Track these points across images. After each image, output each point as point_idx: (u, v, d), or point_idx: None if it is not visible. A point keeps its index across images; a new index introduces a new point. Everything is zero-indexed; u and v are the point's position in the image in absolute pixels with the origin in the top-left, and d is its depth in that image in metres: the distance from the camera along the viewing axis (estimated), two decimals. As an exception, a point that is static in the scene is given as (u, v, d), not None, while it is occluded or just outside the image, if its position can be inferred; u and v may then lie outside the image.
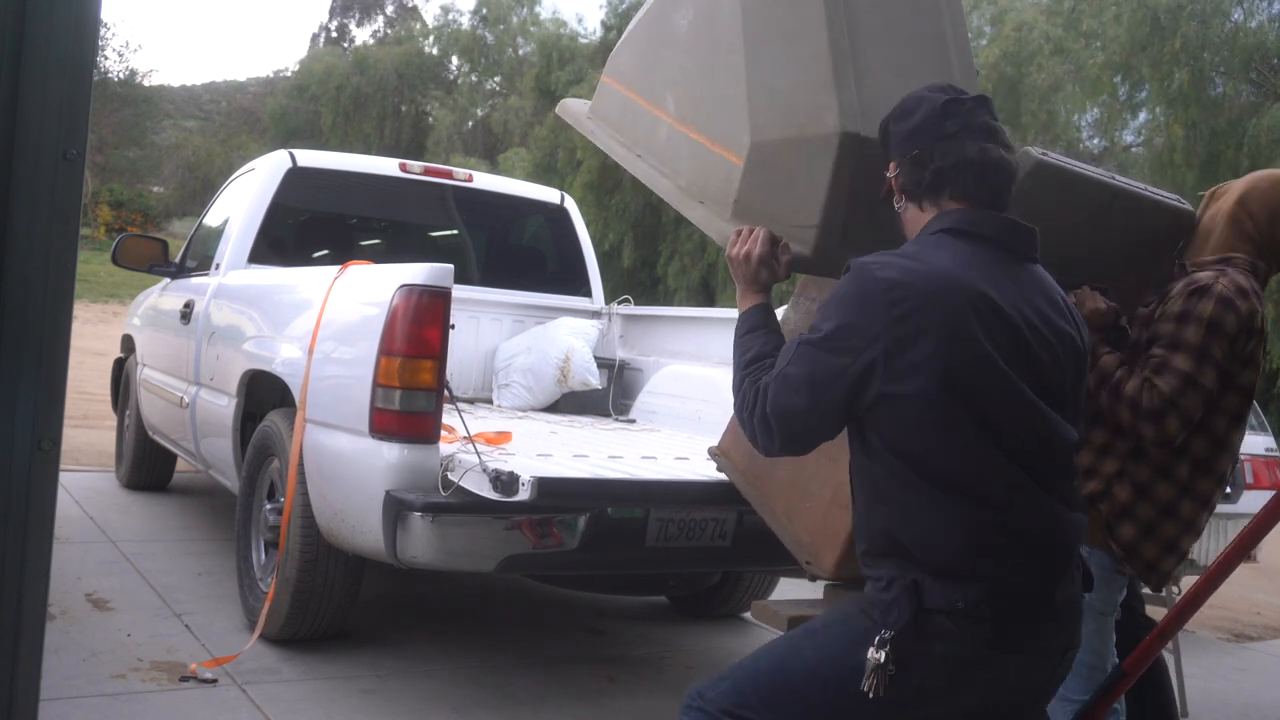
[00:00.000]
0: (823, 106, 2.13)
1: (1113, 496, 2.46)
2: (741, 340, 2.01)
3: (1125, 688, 2.40)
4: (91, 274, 23.04)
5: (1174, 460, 2.44)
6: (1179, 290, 2.41)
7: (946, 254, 1.79)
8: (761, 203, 2.26)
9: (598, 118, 3.00)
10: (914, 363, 1.71)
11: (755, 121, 2.28)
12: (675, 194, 2.55)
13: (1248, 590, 7.33)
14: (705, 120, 2.47)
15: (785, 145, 2.22)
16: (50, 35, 1.28)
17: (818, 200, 2.12)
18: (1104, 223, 2.46)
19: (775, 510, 2.69)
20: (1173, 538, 2.45)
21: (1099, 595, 2.46)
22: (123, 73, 37.30)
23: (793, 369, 1.80)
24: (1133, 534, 2.44)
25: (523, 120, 31.19)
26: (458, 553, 3.03)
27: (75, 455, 7.24)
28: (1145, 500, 2.44)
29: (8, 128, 1.28)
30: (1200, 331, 2.33)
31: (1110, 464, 2.47)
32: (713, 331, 4.87)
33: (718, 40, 2.44)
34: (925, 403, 1.71)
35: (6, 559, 1.34)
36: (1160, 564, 2.46)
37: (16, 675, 1.36)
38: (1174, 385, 2.31)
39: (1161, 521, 2.44)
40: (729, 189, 2.34)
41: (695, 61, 2.54)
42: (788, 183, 2.21)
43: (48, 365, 1.34)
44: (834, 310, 1.79)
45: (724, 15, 2.42)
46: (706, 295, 21.41)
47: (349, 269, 3.64)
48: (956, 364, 1.71)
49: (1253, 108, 16.72)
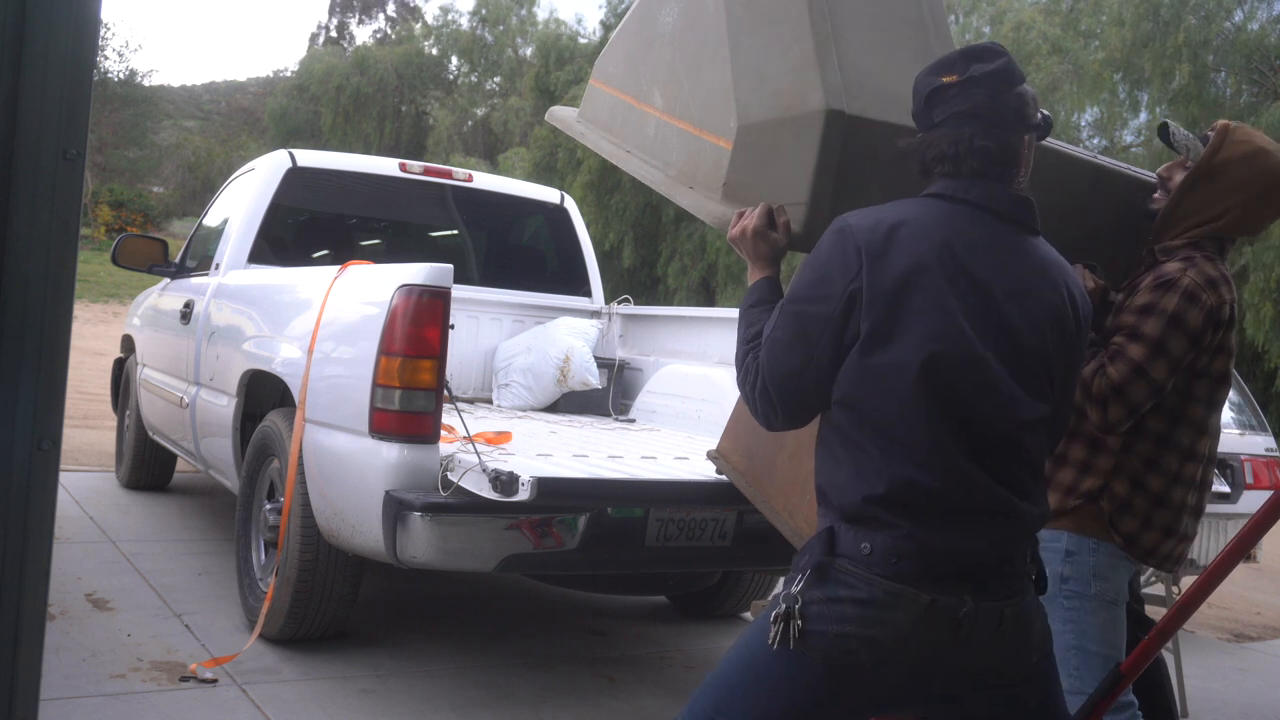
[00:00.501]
0: (807, 85, 2.16)
1: (1112, 492, 2.47)
2: (746, 314, 2.00)
3: (1124, 688, 2.39)
4: (91, 274, 23.03)
5: (1161, 452, 2.46)
6: (1147, 283, 2.42)
7: (923, 209, 1.81)
8: (751, 184, 2.30)
9: (586, 120, 3.03)
10: (875, 298, 1.71)
11: (742, 105, 2.32)
12: (665, 183, 2.58)
13: (1248, 590, 7.33)
14: (693, 110, 2.51)
15: (772, 126, 2.26)
16: (50, 35, 1.29)
17: (806, 178, 2.15)
18: (1089, 201, 2.51)
19: (776, 508, 2.72)
20: (1168, 522, 2.48)
21: (1108, 585, 2.47)
22: (123, 73, 37.30)
23: (779, 331, 1.81)
24: (1133, 526, 2.46)
25: (523, 120, 31.19)
26: (457, 552, 3.04)
27: (75, 455, 7.24)
28: (1140, 493, 2.46)
29: (8, 128, 1.28)
30: (1160, 325, 2.35)
31: (1105, 460, 2.49)
32: (713, 331, 4.87)
33: (703, 32, 2.49)
34: (877, 339, 1.71)
35: (6, 559, 1.34)
36: (1160, 548, 2.49)
37: (16, 675, 1.36)
38: (1123, 373, 2.34)
39: (1155, 510, 2.47)
40: (718, 173, 2.38)
41: (681, 56, 2.58)
42: (776, 162, 2.25)
43: (48, 365, 1.34)
44: (811, 263, 1.81)
45: (708, 7, 2.47)
46: (706, 295, 21.42)
47: (349, 269, 3.65)
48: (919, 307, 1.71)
49: (1252, 106, 16.73)
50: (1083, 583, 2.45)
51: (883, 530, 1.69)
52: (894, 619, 1.67)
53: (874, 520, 1.70)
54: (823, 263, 1.78)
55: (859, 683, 1.70)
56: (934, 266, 1.73)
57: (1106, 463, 2.49)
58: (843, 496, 1.74)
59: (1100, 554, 2.47)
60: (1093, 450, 2.50)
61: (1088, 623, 2.46)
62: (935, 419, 1.71)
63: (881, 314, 1.71)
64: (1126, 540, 2.47)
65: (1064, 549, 2.47)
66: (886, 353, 1.71)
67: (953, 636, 1.70)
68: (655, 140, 2.66)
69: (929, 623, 1.68)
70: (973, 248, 1.78)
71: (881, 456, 1.72)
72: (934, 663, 1.72)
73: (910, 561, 1.68)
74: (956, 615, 1.69)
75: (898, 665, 1.70)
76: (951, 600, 1.69)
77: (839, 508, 1.74)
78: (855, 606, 1.68)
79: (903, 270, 1.72)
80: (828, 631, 1.68)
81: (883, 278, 1.72)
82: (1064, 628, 2.47)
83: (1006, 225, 1.84)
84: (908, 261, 1.73)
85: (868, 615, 1.67)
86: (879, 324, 1.71)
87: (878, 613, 1.67)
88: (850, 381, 1.74)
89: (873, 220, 1.78)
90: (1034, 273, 1.83)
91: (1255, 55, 16.91)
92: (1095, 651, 2.46)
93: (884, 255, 1.73)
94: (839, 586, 1.69)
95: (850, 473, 1.74)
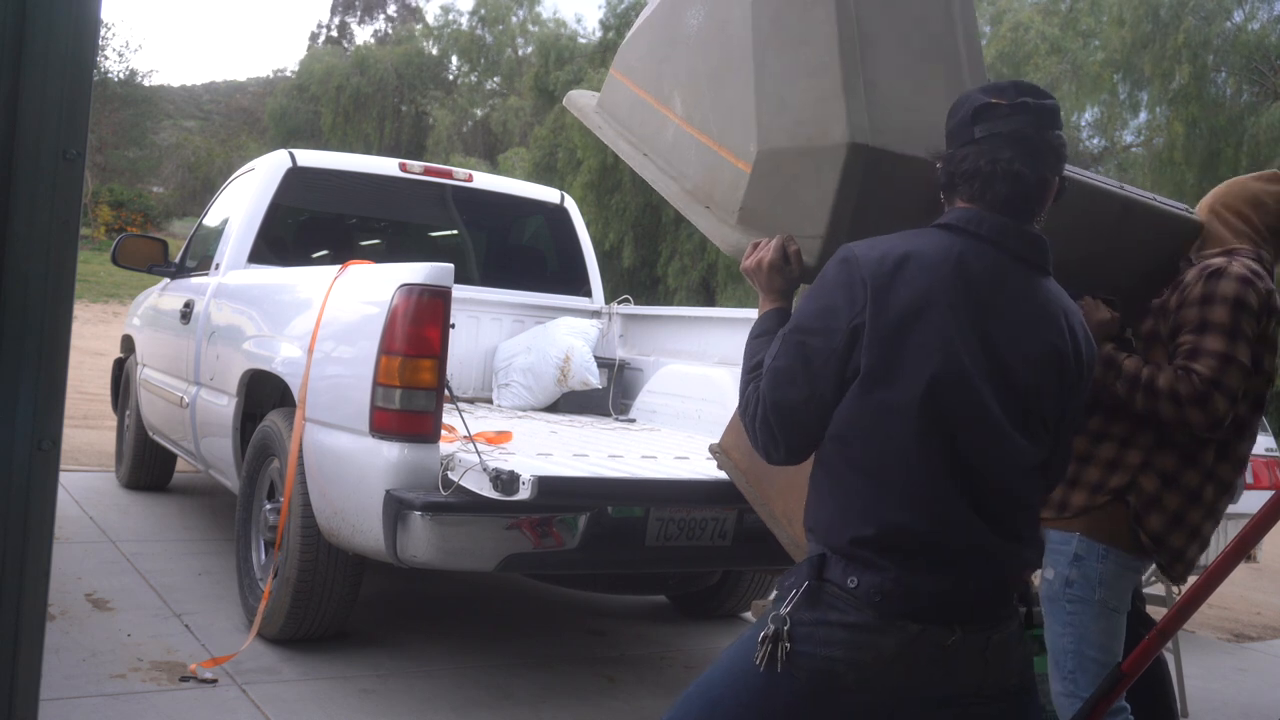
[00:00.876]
0: (831, 117, 2.11)
1: (1139, 488, 2.45)
2: (751, 343, 1.99)
3: (1125, 688, 2.39)
4: (91, 274, 23.03)
5: (1199, 447, 2.45)
6: (1194, 276, 2.42)
7: (932, 241, 1.78)
8: (768, 211, 2.25)
9: (605, 112, 2.98)
10: (877, 334, 1.69)
11: (763, 129, 2.27)
12: (682, 197, 2.53)
13: (1248, 590, 7.33)
14: (713, 124, 2.45)
15: (793, 154, 2.21)
16: (50, 35, 1.28)
17: (824, 212, 2.10)
18: (1113, 233, 2.46)
19: (775, 512, 2.70)
20: (1197, 524, 2.47)
21: (1111, 593, 2.47)
22: (123, 73, 37.27)
23: (781, 361, 1.79)
24: (1161, 524, 2.45)
25: (523, 120, 31.18)
26: (458, 552, 3.04)
27: (75, 455, 7.24)
28: (1174, 489, 2.45)
29: (8, 128, 1.28)
30: (1226, 309, 2.34)
31: (1134, 455, 2.47)
32: (713, 331, 4.87)
33: (728, 42, 2.42)
34: (876, 375, 1.69)
35: (6, 559, 1.34)
36: (1186, 551, 2.48)
37: (16, 675, 1.36)
38: (1213, 365, 2.31)
39: (1188, 509, 2.45)
40: (735, 195, 2.32)
41: (705, 63, 2.51)
42: (794, 192, 2.20)
43: (48, 365, 1.34)
44: (815, 294, 1.79)
45: (734, 19, 2.40)
46: (706, 295, 21.41)
47: (349, 268, 3.64)
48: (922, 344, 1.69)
49: (1252, 106, 16.74)
50: (1088, 588, 2.45)
51: (870, 570, 1.68)
52: (882, 644, 1.67)
53: (861, 560, 1.69)
54: (827, 293, 1.76)
55: (840, 704, 1.70)
56: (940, 303, 1.71)
57: (1135, 458, 2.47)
58: (829, 536, 1.73)
59: (1109, 561, 2.46)
60: (1123, 447, 2.48)
61: (1088, 628, 2.46)
62: (932, 461, 1.69)
63: (883, 351, 1.69)
64: (1154, 540, 2.45)
65: (1073, 552, 2.46)
66: (886, 390, 1.69)
67: (938, 663, 1.70)
68: (673, 148, 2.60)
69: (916, 649, 1.68)
70: (979, 285, 1.75)
71: (872, 497, 1.70)
72: (918, 687, 1.71)
73: (898, 601, 1.67)
74: (945, 644, 1.68)
75: (880, 687, 1.69)
76: (940, 630, 1.68)
77: (827, 540, 1.73)
78: (845, 630, 1.67)
79: (907, 305, 1.70)
80: (815, 653, 1.67)
81: (886, 312, 1.69)
82: (1064, 631, 2.47)
83: (1016, 264, 1.80)
84: (912, 296, 1.70)
85: (857, 640, 1.67)
86: (879, 361, 1.69)
87: (867, 637, 1.67)
88: (846, 418, 1.73)
89: (880, 252, 1.75)
90: (1040, 315, 1.80)
91: (1255, 55, 16.92)
92: (1092, 657, 2.45)
93: (889, 289, 1.70)
94: (829, 610, 1.68)
95: (836, 512, 1.73)
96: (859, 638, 1.67)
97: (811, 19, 2.20)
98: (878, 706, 1.73)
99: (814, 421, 1.78)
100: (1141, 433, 2.47)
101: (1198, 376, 2.31)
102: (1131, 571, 2.51)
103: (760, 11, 2.31)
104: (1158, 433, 2.44)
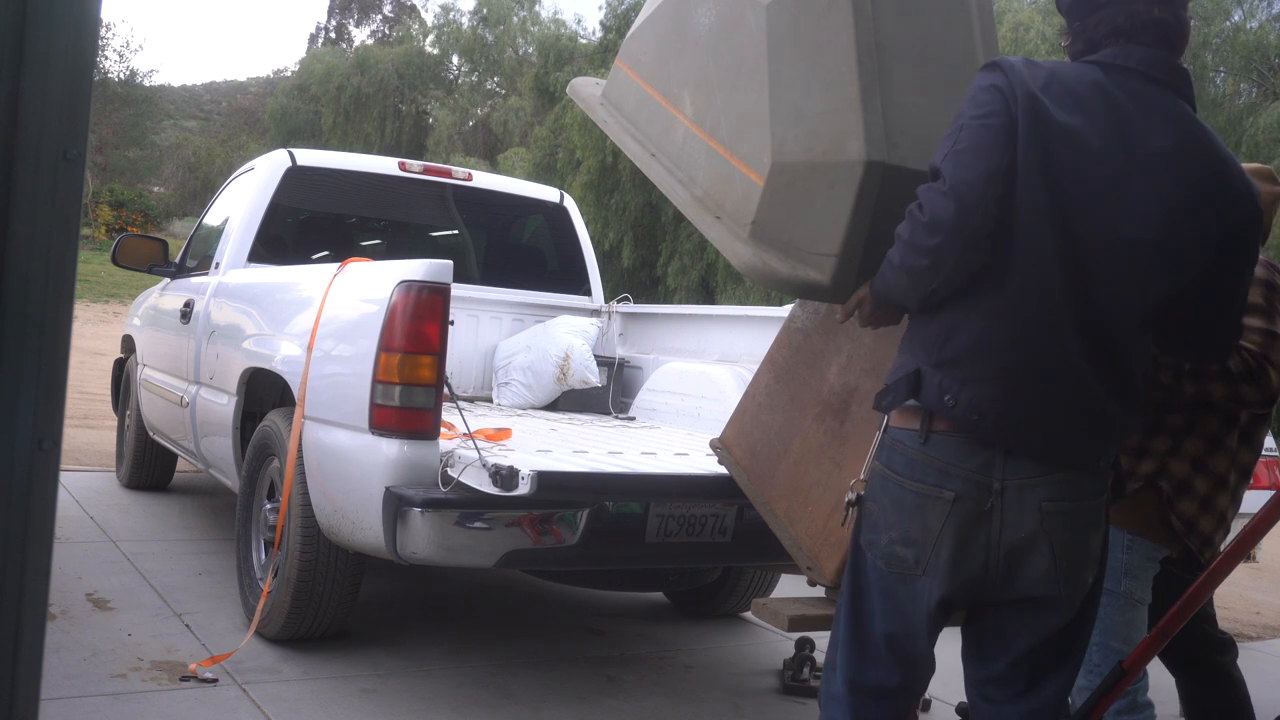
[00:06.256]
0: (848, 132, 2.07)
1: (1170, 472, 2.46)
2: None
3: (1125, 686, 2.39)
4: (91, 274, 23.03)
5: (1225, 430, 2.46)
6: None
7: (1078, 70, 1.82)
8: (780, 226, 2.21)
9: (610, 104, 2.92)
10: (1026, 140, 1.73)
11: (777, 141, 2.21)
12: (691, 204, 2.47)
13: (1248, 590, 7.32)
14: (725, 130, 2.39)
15: (807, 169, 2.16)
16: (50, 35, 1.28)
17: (839, 229, 2.07)
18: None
19: (776, 511, 2.66)
20: (1223, 509, 2.50)
21: (1136, 584, 2.47)
22: (123, 73, 37.25)
23: (964, 143, 1.78)
24: (1193, 508, 2.45)
25: (523, 120, 31.16)
26: (458, 549, 3.03)
27: (75, 455, 7.24)
28: (1202, 473, 2.45)
29: (8, 128, 1.28)
30: (1260, 291, 2.38)
31: (1162, 441, 2.47)
32: (712, 329, 4.88)
33: (741, 48, 2.35)
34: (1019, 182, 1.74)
35: (6, 559, 1.34)
36: (1214, 536, 2.49)
37: (17, 675, 1.36)
38: (1260, 342, 2.35)
39: (1216, 493, 2.46)
40: (747, 207, 2.27)
41: (716, 66, 2.45)
42: (808, 208, 2.15)
43: (48, 365, 1.34)
44: (974, 98, 1.81)
45: (748, 21, 2.34)
46: (706, 295, 21.40)
47: (348, 266, 3.64)
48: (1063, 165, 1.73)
49: (1251, 106, 16.73)
50: (1113, 579, 2.44)
51: (971, 385, 1.76)
52: (954, 489, 1.80)
53: (963, 368, 1.77)
54: (985, 95, 1.79)
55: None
56: (1083, 129, 1.74)
57: (1163, 444, 2.48)
58: (934, 345, 1.82)
59: (1134, 551, 2.46)
60: (1149, 433, 2.48)
61: (1114, 620, 2.45)
62: (1054, 282, 1.74)
63: (1028, 156, 1.73)
64: (1186, 525, 2.45)
65: None
66: (1024, 198, 1.73)
67: (1001, 530, 1.80)
68: (682, 150, 2.54)
69: (987, 518, 1.80)
70: (1126, 114, 1.78)
71: (984, 322, 1.77)
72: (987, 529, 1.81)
73: (988, 419, 1.76)
74: (1020, 516, 1.79)
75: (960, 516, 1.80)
76: (1012, 497, 1.79)
77: (926, 354, 1.82)
78: (920, 469, 1.84)
79: (1052, 126, 1.73)
80: (888, 501, 1.89)
81: (1035, 123, 1.73)
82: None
83: (1164, 90, 1.82)
84: (1058, 119, 1.74)
85: (931, 478, 1.82)
86: (1023, 165, 1.73)
87: (941, 478, 1.81)
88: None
89: (1030, 69, 1.78)
90: (1187, 137, 1.81)
91: (1254, 55, 16.90)
92: (1117, 649, 2.45)
93: (1036, 107, 1.74)
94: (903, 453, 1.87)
95: (948, 324, 1.80)
96: (931, 477, 1.84)
97: (829, 27, 2.14)
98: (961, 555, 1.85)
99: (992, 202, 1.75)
100: (1170, 416, 2.47)
101: (1248, 353, 2.34)
102: (1152, 563, 2.52)
103: (776, 16, 2.25)
104: (1186, 418, 2.45)
